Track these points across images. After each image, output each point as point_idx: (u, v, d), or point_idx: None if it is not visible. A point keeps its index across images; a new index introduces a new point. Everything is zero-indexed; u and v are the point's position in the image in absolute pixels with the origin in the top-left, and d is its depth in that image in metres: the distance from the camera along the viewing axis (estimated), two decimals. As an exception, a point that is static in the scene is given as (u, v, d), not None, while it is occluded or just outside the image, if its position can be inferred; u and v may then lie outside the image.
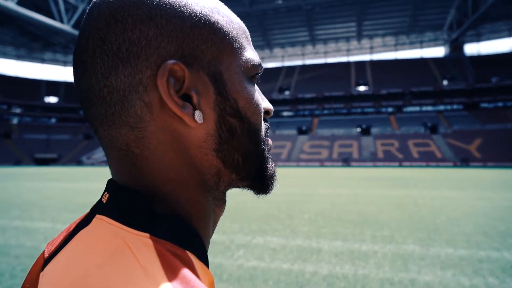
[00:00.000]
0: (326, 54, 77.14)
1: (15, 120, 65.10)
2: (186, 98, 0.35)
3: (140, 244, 0.30)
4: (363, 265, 4.26)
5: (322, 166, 43.79)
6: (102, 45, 0.33)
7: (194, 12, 0.35)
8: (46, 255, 0.37)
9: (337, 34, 68.35)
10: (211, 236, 0.42)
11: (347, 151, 48.21)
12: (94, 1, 0.36)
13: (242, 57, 0.38)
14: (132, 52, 0.33)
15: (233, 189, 0.44)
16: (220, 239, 5.58)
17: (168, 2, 0.34)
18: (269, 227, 6.50)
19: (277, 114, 65.15)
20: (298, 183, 17.15)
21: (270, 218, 7.36)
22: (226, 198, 0.44)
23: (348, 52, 76.12)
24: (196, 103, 0.35)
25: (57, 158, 57.32)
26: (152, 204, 0.35)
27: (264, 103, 0.44)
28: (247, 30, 0.42)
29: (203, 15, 0.36)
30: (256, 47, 73.85)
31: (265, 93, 65.21)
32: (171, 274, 0.28)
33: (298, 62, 78.94)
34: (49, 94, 70.91)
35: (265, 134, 0.43)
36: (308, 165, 45.19)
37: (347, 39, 71.00)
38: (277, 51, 77.32)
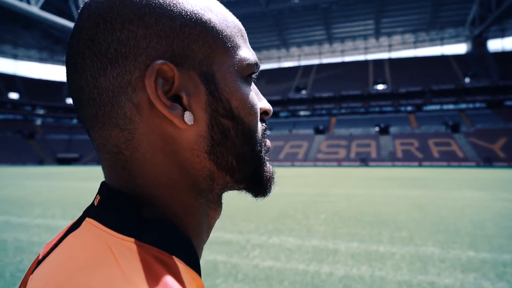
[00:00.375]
0: (343, 52, 76.25)
1: (38, 121, 67.36)
2: (176, 99, 0.35)
3: (123, 249, 0.30)
4: (380, 267, 4.19)
5: (339, 166, 43.39)
6: (91, 45, 0.33)
7: (184, 10, 0.35)
8: (40, 256, 0.37)
9: (355, 32, 67.43)
10: (205, 240, 0.41)
11: (365, 151, 47.57)
12: (85, 2, 0.36)
13: (236, 56, 0.38)
14: (120, 52, 0.33)
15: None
16: (235, 238, 5.61)
17: (158, 1, 0.34)
18: (285, 227, 6.48)
19: (293, 113, 64.94)
20: (315, 183, 17.04)
21: (286, 218, 7.33)
22: (222, 201, 0.43)
23: (366, 50, 75.07)
24: (186, 104, 0.34)
25: (78, 158, 58.96)
26: (141, 207, 0.34)
27: (262, 103, 0.43)
28: (243, 29, 0.41)
29: (195, 13, 0.35)
30: (272, 46, 73.82)
31: (282, 92, 65.17)
32: (153, 281, 0.27)
33: (315, 61, 78.46)
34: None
35: (262, 135, 0.41)
36: (325, 165, 44.85)
37: (365, 37, 69.94)
38: (294, 50, 76.97)
